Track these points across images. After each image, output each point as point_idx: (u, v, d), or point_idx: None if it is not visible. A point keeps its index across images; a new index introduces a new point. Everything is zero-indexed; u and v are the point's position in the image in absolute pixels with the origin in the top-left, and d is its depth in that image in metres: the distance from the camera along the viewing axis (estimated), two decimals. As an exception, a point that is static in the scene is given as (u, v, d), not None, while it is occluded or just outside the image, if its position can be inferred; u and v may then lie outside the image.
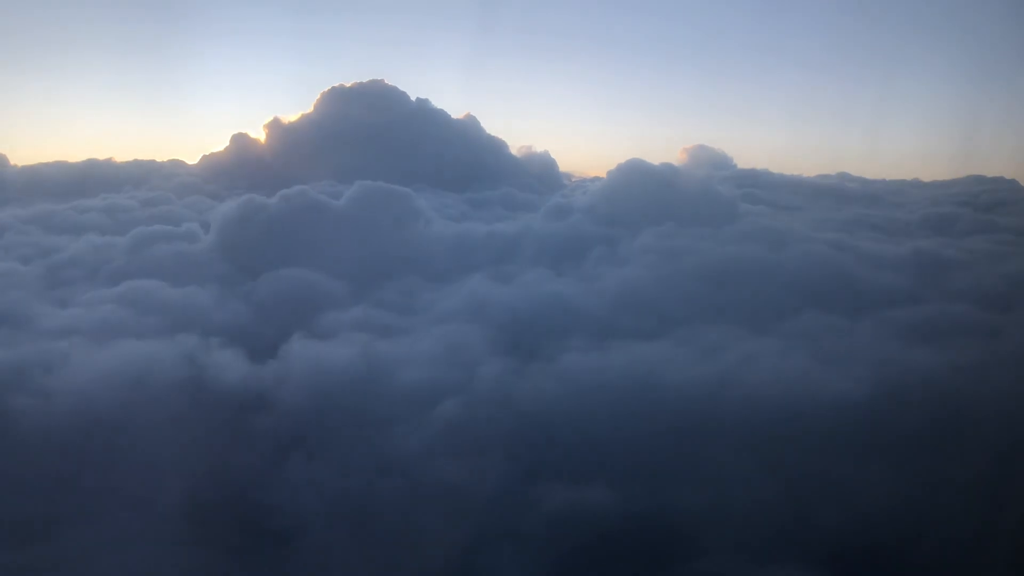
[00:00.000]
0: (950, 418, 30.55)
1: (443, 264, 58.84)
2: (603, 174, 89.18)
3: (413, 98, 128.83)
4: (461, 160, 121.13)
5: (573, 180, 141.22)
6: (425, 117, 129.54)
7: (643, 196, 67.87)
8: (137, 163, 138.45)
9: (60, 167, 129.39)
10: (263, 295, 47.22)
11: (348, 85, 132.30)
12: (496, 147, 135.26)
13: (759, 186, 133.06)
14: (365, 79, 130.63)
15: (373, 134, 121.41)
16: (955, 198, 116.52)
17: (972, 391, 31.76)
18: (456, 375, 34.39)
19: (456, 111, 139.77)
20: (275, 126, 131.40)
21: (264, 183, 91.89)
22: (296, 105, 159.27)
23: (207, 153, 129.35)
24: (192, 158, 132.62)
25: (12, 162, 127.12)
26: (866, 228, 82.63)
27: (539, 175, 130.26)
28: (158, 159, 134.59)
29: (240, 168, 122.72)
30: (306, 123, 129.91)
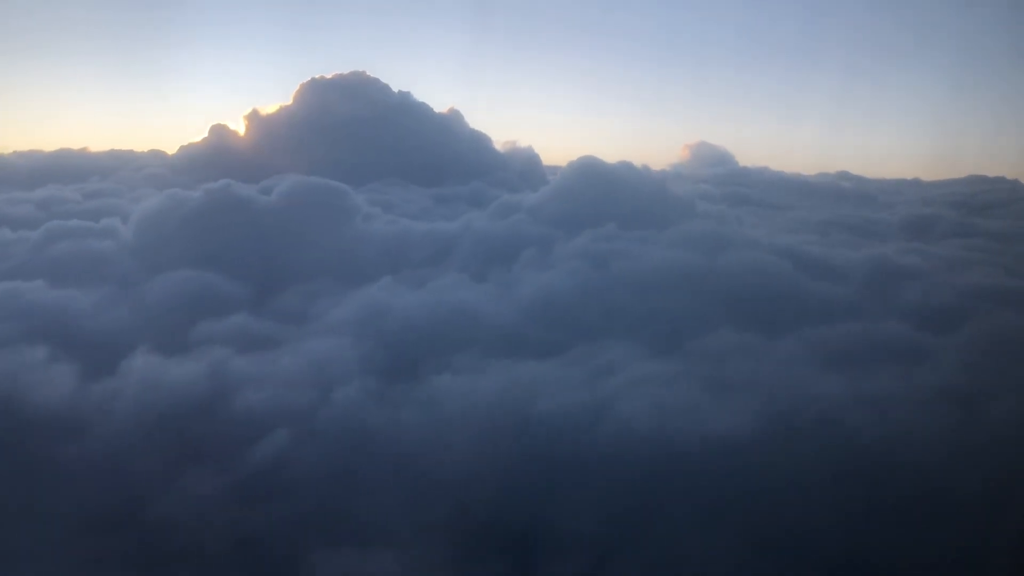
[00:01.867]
0: (845, 462, 26.41)
1: (367, 266, 55.16)
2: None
3: (396, 91, 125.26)
4: (441, 154, 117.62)
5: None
6: (406, 110, 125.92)
7: (593, 195, 63.88)
8: (113, 153, 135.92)
9: (30, 156, 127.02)
10: (150, 300, 43.41)
11: (328, 76, 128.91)
12: (478, 142, 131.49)
13: (749, 184, 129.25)
14: (348, 71, 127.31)
15: (352, 127, 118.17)
16: (950, 198, 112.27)
17: (877, 429, 27.55)
18: (304, 399, 30.70)
19: (449, 105, 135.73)
20: (254, 117, 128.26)
21: (239, 175, 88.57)
22: (283, 96, 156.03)
23: (185, 144, 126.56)
24: (175, 149, 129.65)
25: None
26: (841, 230, 78.56)
27: (522, 170, 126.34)
28: (138, 149, 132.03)
29: (217, 159, 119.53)
30: (284, 115, 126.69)
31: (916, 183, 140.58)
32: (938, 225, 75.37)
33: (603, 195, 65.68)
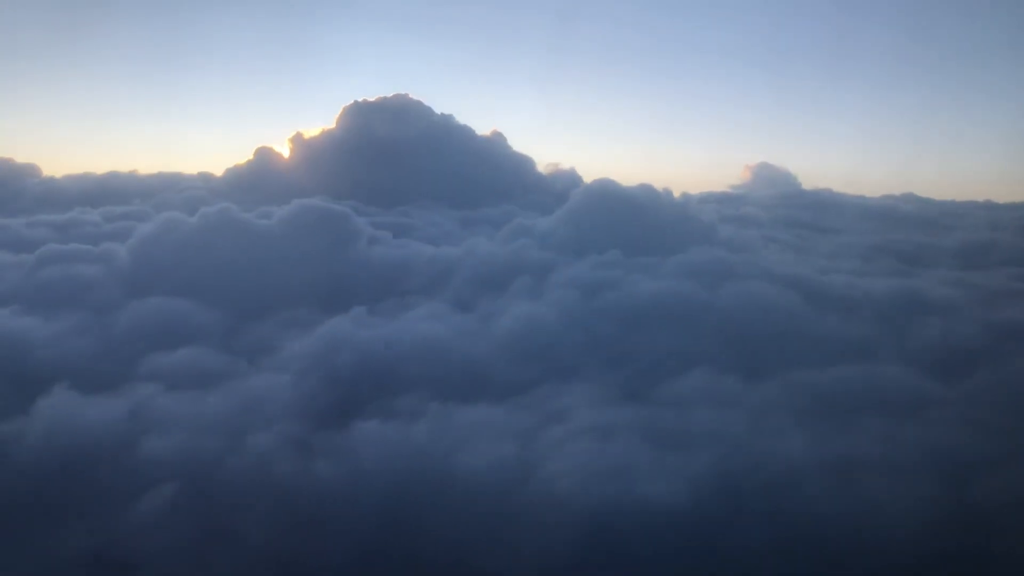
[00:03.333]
0: (793, 539, 22.40)
1: (357, 293, 52.81)
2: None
3: (439, 113, 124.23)
4: (480, 177, 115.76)
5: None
6: (448, 133, 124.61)
7: (605, 220, 60.38)
8: (161, 176, 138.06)
9: (81, 179, 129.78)
10: (115, 330, 41.89)
11: (371, 100, 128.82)
12: (520, 164, 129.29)
13: (803, 207, 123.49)
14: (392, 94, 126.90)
15: (393, 149, 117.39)
16: (1020, 222, 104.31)
17: (837, 500, 23.42)
18: (216, 444, 28.02)
19: (492, 128, 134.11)
20: (297, 140, 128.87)
21: (282, 197, 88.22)
22: (330, 118, 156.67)
23: (231, 167, 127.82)
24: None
25: (45, 173, 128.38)
26: (887, 256, 72.98)
27: (560, 193, 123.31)
28: (188, 172, 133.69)
29: (260, 182, 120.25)
30: (327, 138, 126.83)
31: (988, 205, 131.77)
32: (994, 252, 68.89)
33: (616, 219, 62.17)
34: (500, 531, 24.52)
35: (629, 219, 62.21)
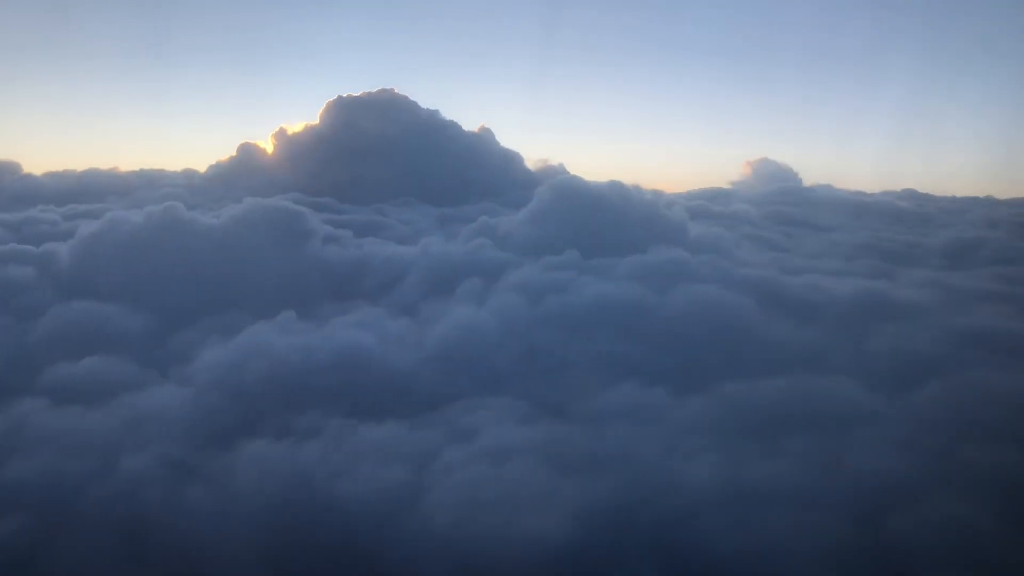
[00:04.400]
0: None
1: (304, 296, 50.50)
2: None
3: (425, 108, 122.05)
4: (466, 173, 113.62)
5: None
6: (434, 128, 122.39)
7: (569, 219, 57.63)
8: (141, 172, 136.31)
9: (60, 176, 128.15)
10: (28, 337, 39.69)
11: (356, 95, 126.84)
12: (508, 160, 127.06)
13: (797, 203, 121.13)
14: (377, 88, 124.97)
15: (377, 145, 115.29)
16: (1018, 218, 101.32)
17: (735, 538, 20.85)
18: (83, 468, 25.70)
19: (481, 123, 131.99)
20: (281, 136, 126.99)
21: (264, 192, 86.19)
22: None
23: (213, 163, 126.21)
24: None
25: (26, 170, 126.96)
26: (873, 254, 70.39)
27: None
28: (171, 168, 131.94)
29: (244, 178, 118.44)
30: (310, 133, 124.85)
31: (988, 201, 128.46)
32: (983, 250, 65.93)
33: (580, 218, 59.55)
34: (369, 567, 22.07)
35: (593, 218, 59.62)
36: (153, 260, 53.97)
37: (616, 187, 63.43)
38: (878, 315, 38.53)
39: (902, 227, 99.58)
